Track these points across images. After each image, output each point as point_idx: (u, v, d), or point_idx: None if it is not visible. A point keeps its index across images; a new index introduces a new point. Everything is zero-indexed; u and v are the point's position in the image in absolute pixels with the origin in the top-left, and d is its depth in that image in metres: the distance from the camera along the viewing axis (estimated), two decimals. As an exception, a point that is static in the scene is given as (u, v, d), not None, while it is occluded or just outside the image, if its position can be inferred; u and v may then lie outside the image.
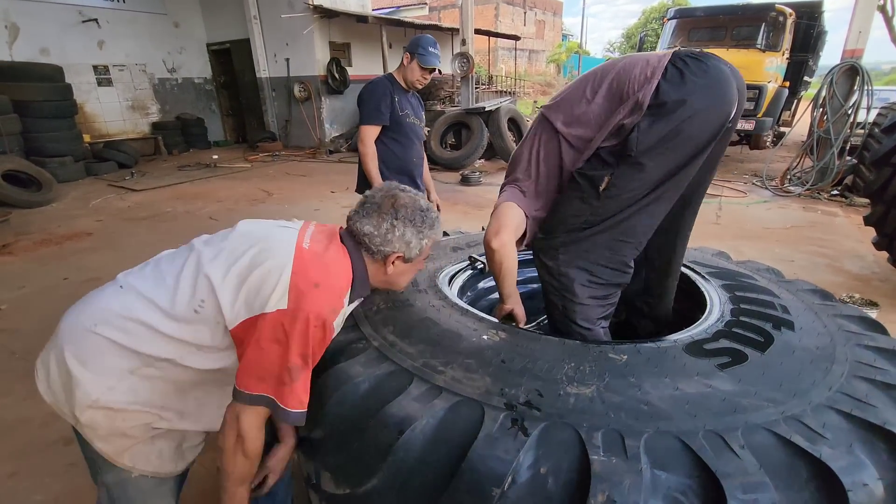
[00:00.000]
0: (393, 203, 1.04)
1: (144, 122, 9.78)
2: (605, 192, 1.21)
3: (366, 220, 1.04)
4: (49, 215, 5.53)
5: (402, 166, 2.49)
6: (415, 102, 2.54)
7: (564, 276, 1.27)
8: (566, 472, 0.69)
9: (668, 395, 0.85)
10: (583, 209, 1.24)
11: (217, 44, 10.60)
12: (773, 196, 6.11)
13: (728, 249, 2.49)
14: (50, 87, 7.23)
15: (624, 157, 1.18)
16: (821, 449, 0.74)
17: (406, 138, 2.45)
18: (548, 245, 1.30)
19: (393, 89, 2.38)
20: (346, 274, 1.01)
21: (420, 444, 0.76)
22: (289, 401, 0.89)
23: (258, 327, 0.90)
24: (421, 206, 1.07)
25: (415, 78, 2.36)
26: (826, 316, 1.25)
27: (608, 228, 1.24)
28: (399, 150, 2.46)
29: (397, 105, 2.37)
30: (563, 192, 1.31)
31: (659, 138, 1.15)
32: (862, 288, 3.40)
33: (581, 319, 1.30)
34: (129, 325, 0.96)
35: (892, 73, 18.95)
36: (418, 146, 2.55)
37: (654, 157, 1.17)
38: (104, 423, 0.99)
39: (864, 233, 4.11)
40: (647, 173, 1.18)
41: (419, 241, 1.06)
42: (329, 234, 1.08)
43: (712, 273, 1.51)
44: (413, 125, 2.47)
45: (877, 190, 3.19)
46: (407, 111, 2.43)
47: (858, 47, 6.00)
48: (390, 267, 1.07)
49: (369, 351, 0.99)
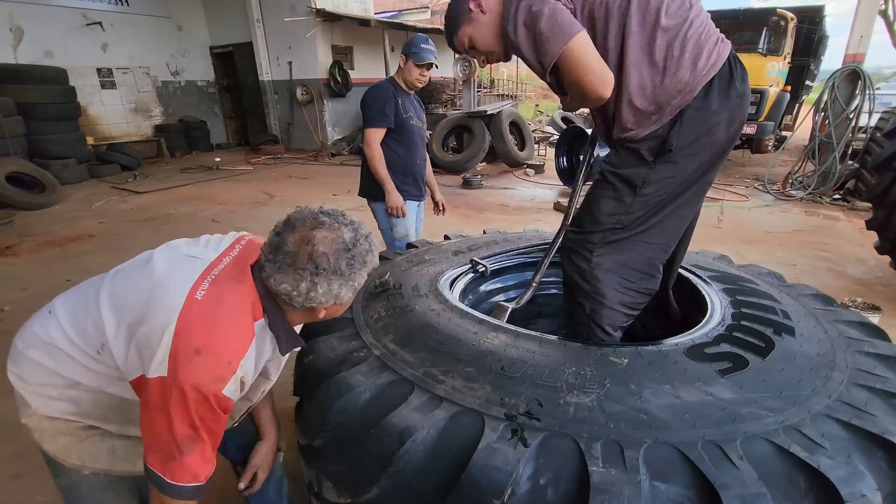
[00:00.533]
0: (311, 254, 0.85)
1: (147, 124, 9.81)
2: (640, 191, 1.20)
3: (281, 277, 0.86)
4: (52, 217, 5.55)
5: (406, 168, 2.51)
6: (416, 105, 2.56)
7: (597, 279, 1.25)
8: (565, 484, 0.70)
9: (668, 404, 0.85)
10: (617, 208, 1.23)
11: (220, 47, 10.64)
12: (775, 200, 6.10)
13: (730, 253, 2.49)
14: (54, 89, 7.27)
15: (662, 153, 1.17)
16: (819, 459, 0.74)
17: (410, 140, 2.47)
18: (581, 241, 1.27)
19: (396, 92, 2.40)
20: (242, 334, 0.87)
21: (421, 454, 0.76)
22: (178, 475, 0.81)
23: (144, 390, 0.83)
24: (345, 244, 0.88)
25: (413, 77, 2.38)
26: (827, 321, 1.25)
27: (641, 231, 1.24)
28: (403, 152, 2.48)
29: (401, 108, 2.40)
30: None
31: (697, 136, 1.16)
32: (864, 292, 3.39)
33: (608, 325, 1.28)
34: (53, 351, 0.93)
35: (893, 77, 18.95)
36: (421, 148, 2.57)
37: (690, 155, 1.18)
38: (49, 427, 0.99)
39: (867, 237, 4.11)
40: (682, 172, 1.19)
41: (350, 287, 0.90)
42: (240, 272, 0.92)
43: (714, 277, 1.52)
44: (416, 127, 2.50)
45: (879, 194, 3.18)
46: (410, 113, 2.45)
47: (860, 52, 6.00)
48: (321, 313, 0.93)
49: (370, 360, 0.99)
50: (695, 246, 2.44)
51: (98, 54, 8.76)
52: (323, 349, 1.07)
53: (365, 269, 0.92)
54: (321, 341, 1.10)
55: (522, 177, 7.48)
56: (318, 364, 1.02)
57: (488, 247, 1.83)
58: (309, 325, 1.26)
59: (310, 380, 1.03)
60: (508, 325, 1.17)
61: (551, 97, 24.56)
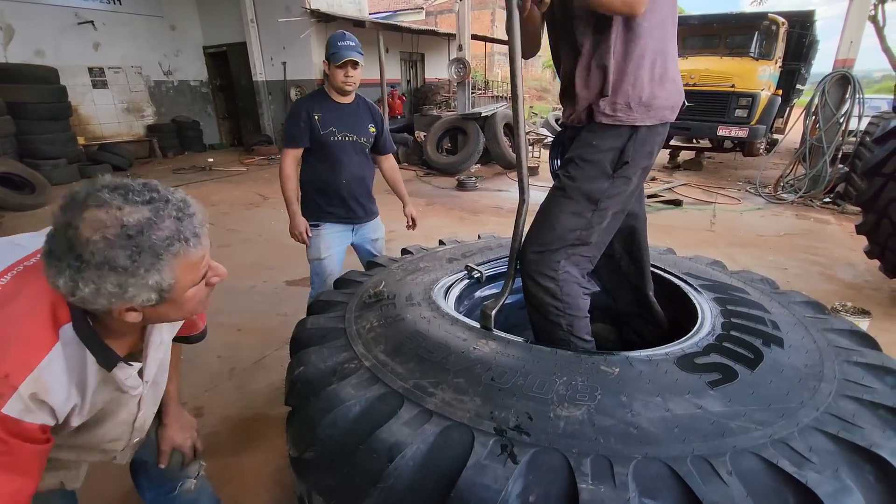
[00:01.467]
0: (71, 242, 0.66)
1: (139, 124, 9.73)
2: (599, 206, 1.22)
3: (48, 271, 0.67)
4: (42, 219, 5.49)
5: (329, 189, 2.27)
6: (353, 115, 2.25)
7: (569, 295, 1.26)
8: (555, 501, 0.70)
9: (658, 418, 0.85)
10: (579, 223, 1.24)
11: (213, 47, 10.58)
12: (767, 203, 6.15)
13: (722, 257, 2.51)
14: (44, 88, 7.20)
15: (620, 166, 1.20)
16: (807, 474, 0.74)
17: (332, 158, 2.22)
18: (544, 262, 1.26)
19: (314, 107, 2.16)
20: (30, 342, 0.70)
21: (410, 471, 0.76)
22: None
23: None
24: (125, 228, 0.67)
25: (338, 81, 2.12)
26: (817, 330, 1.26)
27: (593, 241, 1.27)
28: (325, 171, 2.24)
29: (317, 124, 2.15)
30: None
31: (649, 150, 1.24)
32: (854, 296, 3.43)
33: (586, 333, 1.31)
34: None
35: (883, 80, 19.18)
36: (352, 166, 2.26)
37: (640, 170, 1.25)
38: None
39: (856, 241, 4.15)
40: (632, 187, 1.25)
41: (145, 285, 0.69)
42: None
43: (705, 286, 1.52)
44: (342, 143, 2.21)
45: (868, 199, 3.21)
46: (332, 128, 2.18)
47: (850, 57, 6.07)
48: (129, 316, 0.73)
49: (361, 372, 0.99)
50: (688, 250, 2.47)
51: (90, 53, 8.68)
52: (314, 360, 1.06)
53: (168, 263, 0.70)
54: (312, 352, 1.10)
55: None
56: (309, 375, 1.02)
57: (482, 253, 1.83)
58: (299, 336, 1.25)
59: (300, 391, 1.02)
60: (499, 333, 1.16)
61: (545, 99, 24.63)
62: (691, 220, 5.39)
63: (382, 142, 2.40)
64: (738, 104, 7.01)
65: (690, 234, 4.87)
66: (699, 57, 7.77)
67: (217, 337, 2.88)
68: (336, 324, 1.23)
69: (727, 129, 7.09)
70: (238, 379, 2.47)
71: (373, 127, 2.32)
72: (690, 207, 5.92)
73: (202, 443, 1.23)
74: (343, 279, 1.64)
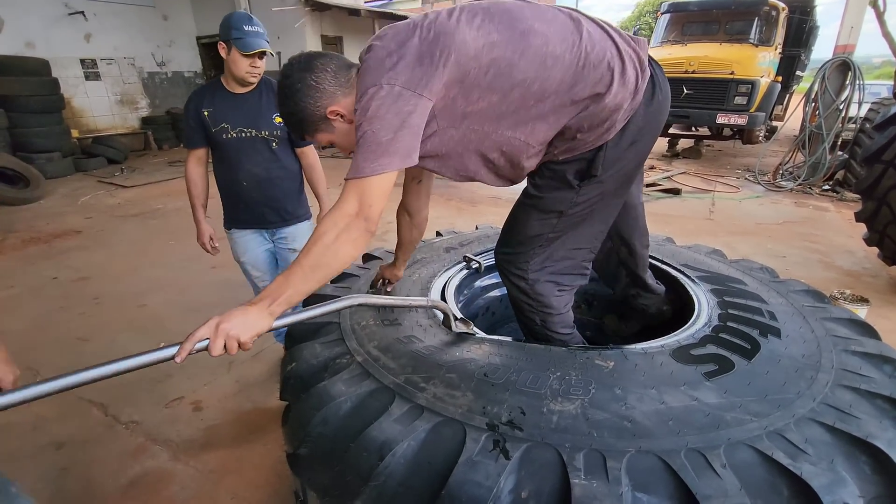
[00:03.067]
0: None
1: (134, 116, 9.66)
2: (567, 213, 1.18)
3: None
4: (37, 213, 5.46)
5: (231, 191, 2.06)
6: (255, 106, 1.94)
7: (539, 294, 1.26)
8: (547, 496, 0.69)
9: (652, 411, 0.85)
10: (544, 229, 1.21)
11: (207, 37, 10.45)
12: (766, 191, 6.13)
13: (721, 245, 2.50)
14: (36, 81, 7.13)
15: (588, 177, 1.12)
16: (802, 466, 0.73)
17: (228, 158, 1.98)
18: (514, 262, 1.26)
19: (204, 103, 1.92)
20: None
21: (402, 468, 0.75)
22: None
23: None
24: None
25: (242, 72, 1.84)
26: (815, 320, 1.25)
27: (569, 241, 1.24)
28: (224, 173, 2.03)
29: (207, 121, 1.92)
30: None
31: (623, 153, 1.12)
32: (853, 283, 3.43)
33: (561, 329, 1.31)
34: None
35: (883, 66, 19.03)
36: (252, 166, 1.99)
37: (615, 173, 1.14)
38: None
39: (855, 228, 4.14)
40: (607, 188, 1.16)
41: None
42: None
43: (702, 277, 1.51)
44: (237, 140, 1.94)
45: (867, 186, 3.19)
46: (225, 124, 1.91)
47: (850, 42, 6.01)
48: None
49: (353, 367, 0.98)
50: (687, 239, 2.45)
51: (81, 45, 8.58)
52: (306, 356, 1.05)
53: None
54: (304, 347, 1.09)
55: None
56: (301, 371, 1.01)
57: (480, 242, 1.82)
58: (293, 331, 1.24)
59: (293, 387, 1.02)
60: (493, 337, 1.15)
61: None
62: (690, 209, 5.37)
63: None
64: (738, 91, 6.95)
65: (689, 223, 4.85)
66: (698, 44, 7.69)
67: (214, 330, 2.87)
68: (331, 318, 1.22)
69: (726, 116, 7.03)
70: (237, 372, 2.47)
71: (279, 117, 1.94)
72: (689, 196, 5.90)
73: (203, 436, 1.23)
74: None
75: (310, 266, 0.90)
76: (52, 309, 3.16)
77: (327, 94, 1.03)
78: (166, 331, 2.87)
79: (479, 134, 1.05)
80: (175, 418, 2.13)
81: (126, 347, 2.69)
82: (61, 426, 2.09)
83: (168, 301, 3.27)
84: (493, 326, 1.89)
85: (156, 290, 3.43)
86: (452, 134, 1.04)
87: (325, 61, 1.03)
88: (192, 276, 3.66)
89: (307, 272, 0.90)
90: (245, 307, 0.89)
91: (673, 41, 8.11)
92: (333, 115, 1.04)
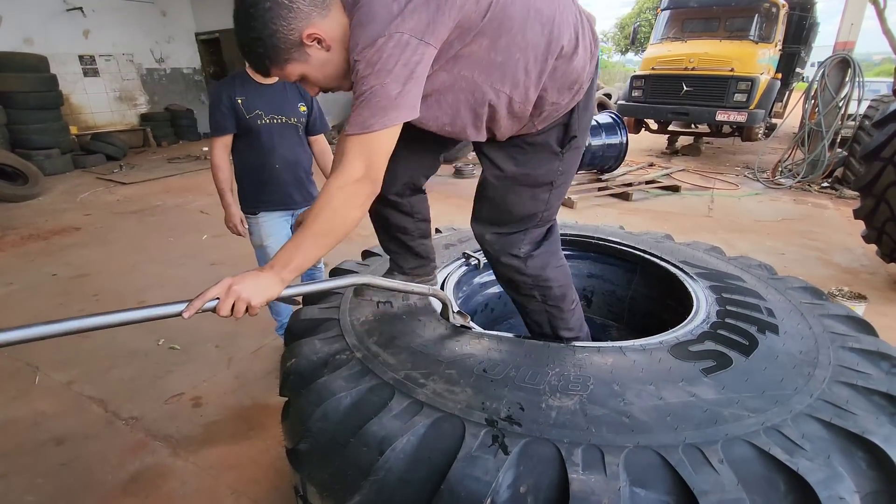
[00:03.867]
0: None
1: (133, 113, 9.63)
2: (555, 185, 1.19)
3: None
4: (36, 209, 5.45)
5: (262, 176, 2.18)
6: (281, 95, 2.13)
7: (537, 267, 1.24)
8: (546, 491, 0.69)
9: (650, 406, 0.85)
10: (537, 206, 1.20)
11: (206, 33, 10.42)
12: (765, 188, 6.13)
13: (720, 243, 2.50)
14: (34, 77, 7.10)
15: (568, 140, 1.14)
16: (798, 461, 0.74)
17: (262, 143, 2.12)
18: (507, 243, 1.24)
19: (235, 91, 2.04)
20: None
21: (401, 463, 0.76)
22: None
23: None
24: None
25: None
26: (812, 316, 1.26)
27: (554, 212, 1.25)
28: (255, 157, 2.15)
29: (241, 108, 2.05)
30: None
31: (588, 113, 1.16)
32: (851, 280, 3.43)
33: (563, 302, 1.30)
34: None
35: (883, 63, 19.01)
36: (284, 149, 2.16)
37: (584, 131, 1.17)
38: None
39: (853, 225, 4.14)
40: (580, 145, 1.19)
41: None
42: None
43: (701, 274, 1.52)
44: (269, 126, 2.10)
45: (867, 184, 3.20)
46: (258, 111, 2.07)
47: (850, 39, 6.00)
48: None
49: (352, 363, 0.98)
50: (686, 236, 2.46)
51: (80, 41, 8.55)
52: (305, 352, 1.05)
53: None
54: (304, 343, 1.09)
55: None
56: (300, 367, 1.01)
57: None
58: (293, 327, 1.24)
59: (293, 383, 1.02)
60: (492, 333, 1.16)
61: (544, 84, 24.32)
62: (689, 206, 5.38)
63: (313, 121, 2.27)
64: (738, 88, 6.94)
65: (688, 220, 4.86)
66: (698, 41, 7.67)
67: (214, 327, 2.87)
68: (330, 315, 1.22)
69: (726, 113, 7.02)
70: (236, 368, 2.47)
71: (303, 105, 2.19)
72: (688, 193, 5.90)
73: (203, 432, 1.23)
74: (338, 269, 1.63)
75: (320, 232, 0.89)
76: (51, 306, 3.16)
77: (302, 15, 0.89)
78: (166, 327, 2.88)
79: (468, 82, 1.01)
80: (175, 414, 2.13)
81: (126, 343, 2.69)
82: (61, 422, 2.10)
83: (167, 297, 3.22)
84: (492, 323, 1.90)
85: (155, 287, 3.43)
86: (444, 78, 0.99)
87: None
88: (191, 273, 3.66)
89: (318, 238, 0.89)
90: (257, 272, 0.88)
91: (673, 38, 8.10)
92: (310, 39, 0.92)
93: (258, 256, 2.38)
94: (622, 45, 35.01)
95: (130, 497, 1.72)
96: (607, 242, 1.84)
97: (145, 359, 2.56)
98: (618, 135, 5.83)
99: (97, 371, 2.46)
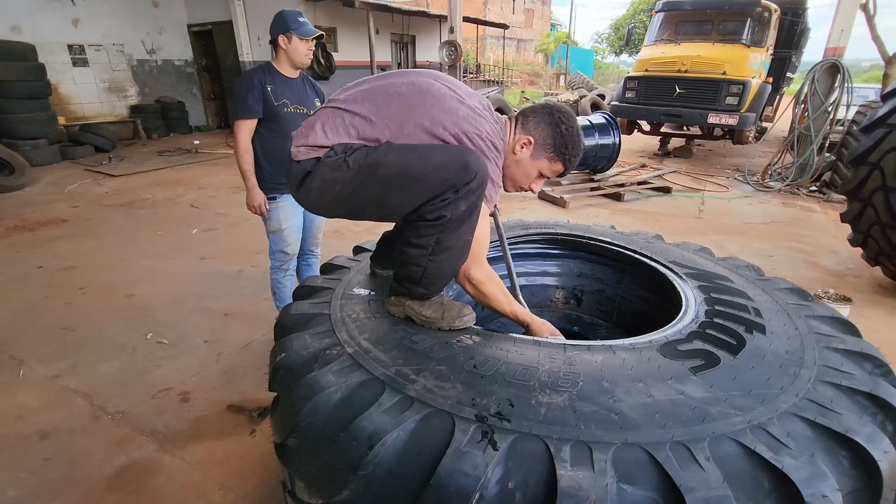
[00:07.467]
0: None
1: (123, 104, 9.51)
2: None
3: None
4: (22, 200, 5.37)
5: (281, 159, 2.28)
6: (302, 89, 2.35)
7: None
8: (534, 487, 0.70)
9: (639, 404, 0.86)
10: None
11: (198, 25, 10.30)
12: (755, 191, 6.20)
13: (710, 244, 2.53)
14: (22, 66, 6.98)
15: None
16: (783, 459, 0.75)
17: (286, 130, 2.22)
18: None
19: (266, 79, 2.22)
20: None
21: (391, 458, 0.75)
22: None
23: None
24: None
25: (302, 55, 2.23)
26: (799, 317, 1.27)
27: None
28: (278, 141, 2.28)
29: (270, 95, 2.22)
30: None
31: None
32: (837, 283, 3.49)
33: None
34: None
35: (871, 69, 19.27)
36: None
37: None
38: None
39: (840, 229, 4.21)
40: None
41: None
42: None
43: (690, 274, 1.53)
44: (294, 115, 2.28)
45: (853, 188, 3.25)
46: (285, 100, 2.26)
47: (840, 45, 6.08)
48: None
49: (343, 358, 0.98)
50: (676, 237, 2.48)
51: (69, 30, 8.41)
52: (296, 346, 1.05)
53: None
54: (294, 338, 1.08)
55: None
56: (290, 362, 1.01)
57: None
58: (283, 322, 1.23)
59: (282, 377, 1.01)
60: (483, 329, 1.16)
61: (537, 84, 24.45)
62: (680, 208, 5.42)
63: None
64: (729, 91, 7.01)
65: (679, 221, 4.90)
66: (691, 43, 7.73)
67: (204, 322, 2.85)
68: (321, 310, 1.22)
69: (718, 116, 7.09)
70: (225, 363, 2.46)
71: (318, 101, 2.38)
72: (679, 195, 5.95)
73: (190, 427, 1.22)
74: (329, 265, 1.62)
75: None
76: (38, 298, 3.12)
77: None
78: (154, 321, 2.85)
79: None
80: (162, 409, 2.11)
81: (113, 337, 2.66)
82: (46, 416, 2.07)
83: (156, 291, 3.24)
84: (484, 320, 1.90)
85: (144, 280, 3.39)
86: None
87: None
88: (180, 267, 3.63)
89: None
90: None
91: (666, 40, 8.15)
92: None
93: (274, 242, 2.47)
94: (616, 47, 35.20)
95: (116, 492, 1.70)
96: (598, 242, 1.85)
97: (133, 353, 2.53)
98: (611, 135, 5.86)
99: (83, 365, 2.43)
